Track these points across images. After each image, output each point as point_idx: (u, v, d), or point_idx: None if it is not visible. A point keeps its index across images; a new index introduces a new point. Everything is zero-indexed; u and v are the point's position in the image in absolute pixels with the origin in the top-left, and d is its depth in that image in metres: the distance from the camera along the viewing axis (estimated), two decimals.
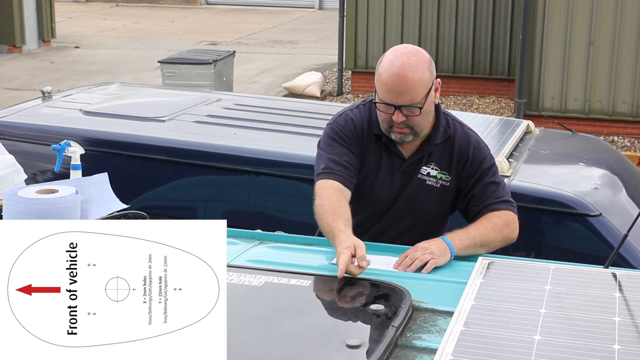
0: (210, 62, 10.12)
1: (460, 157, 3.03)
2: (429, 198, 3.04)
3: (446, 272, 2.66)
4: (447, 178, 3.04)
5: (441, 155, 3.04)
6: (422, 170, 3.04)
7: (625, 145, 10.08)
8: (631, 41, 10.02)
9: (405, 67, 2.87)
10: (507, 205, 2.99)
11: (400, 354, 1.95)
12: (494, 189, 3.00)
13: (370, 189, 3.06)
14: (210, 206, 4.55)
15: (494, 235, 2.90)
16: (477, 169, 3.02)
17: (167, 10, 22.83)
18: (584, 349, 1.85)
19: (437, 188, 3.04)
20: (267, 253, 2.82)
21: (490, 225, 2.91)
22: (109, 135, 4.66)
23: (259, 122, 4.95)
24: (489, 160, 3.05)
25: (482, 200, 2.99)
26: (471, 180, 3.02)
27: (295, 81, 12.64)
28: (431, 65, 2.95)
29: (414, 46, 2.99)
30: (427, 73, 2.90)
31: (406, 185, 3.04)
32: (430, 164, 3.04)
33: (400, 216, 3.07)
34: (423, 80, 2.89)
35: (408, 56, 2.90)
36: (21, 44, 15.55)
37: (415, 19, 12.07)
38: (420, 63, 2.90)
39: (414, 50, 2.94)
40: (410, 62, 2.88)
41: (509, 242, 2.98)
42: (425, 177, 3.04)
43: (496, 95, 12.06)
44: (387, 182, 3.05)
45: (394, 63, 2.89)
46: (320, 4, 23.28)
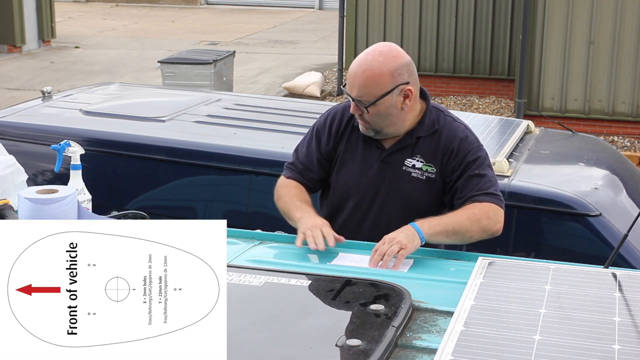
0: (210, 62, 10.12)
1: (446, 150, 3.05)
2: (416, 190, 3.07)
3: (446, 272, 2.66)
4: (433, 170, 3.06)
5: (427, 147, 3.07)
6: (407, 162, 3.08)
7: (625, 145, 10.08)
8: (631, 41, 10.02)
9: (365, 64, 2.95)
10: (490, 198, 2.98)
11: (400, 354, 1.95)
12: (477, 181, 3.00)
13: (347, 180, 3.13)
14: (210, 206, 4.55)
15: (469, 224, 2.90)
16: (461, 161, 3.03)
17: (167, 10, 22.83)
18: (584, 349, 1.85)
19: (423, 180, 3.07)
20: (267, 253, 2.82)
21: (467, 214, 2.92)
22: (109, 135, 4.66)
23: (259, 122, 4.95)
24: (474, 153, 3.05)
25: (465, 192, 3.00)
26: (456, 173, 3.03)
27: (295, 81, 12.64)
28: (399, 70, 2.96)
29: (392, 47, 3.01)
30: (386, 76, 2.94)
31: (387, 175, 3.08)
32: (416, 156, 3.07)
33: (387, 208, 3.10)
34: (378, 81, 2.94)
35: (375, 55, 2.96)
36: (21, 44, 15.55)
37: (415, 19, 12.07)
38: (384, 65, 2.94)
39: (387, 51, 2.98)
40: (372, 61, 2.95)
41: (490, 235, 2.97)
42: (410, 169, 3.07)
43: (496, 95, 12.05)
44: (365, 172, 3.11)
45: (361, 56, 3.00)
46: (320, 4, 23.28)
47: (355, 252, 2.84)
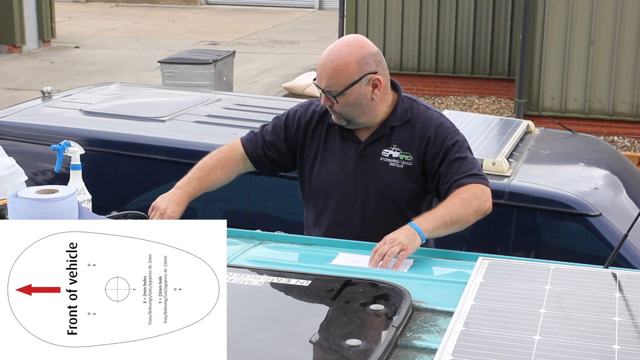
0: (210, 62, 10.12)
1: (422, 137, 3.07)
2: (395, 179, 3.09)
3: (446, 272, 2.66)
4: (410, 158, 3.08)
5: (402, 136, 3.10)
6: (384, 153, 3.10)
7: (625, 145, 10.08)
8: (631, 41, 10.02)
9: (332, 54, 2.99)
10: (474, 179, 2.99)
11: (400, 354, 1.95)
12: (459, 164, 3.01)
13: (328, 177, 3.15)
14: (210, 206, 4.55)
15: (463, 210, 2.91)
16: (440, 147, 3.05)
17: (167, 10, 22.84)
18: (584, 349, 1.85)
19: (401, 169, 3.09)
20: (267, 253, 2.82)
21: (458, 200, 2.92)
22: (109, 135, 4.66)
23: (259, 122, 4.94)
24: (452, 138, 3.07)
25: (449, 177, 3.01)
26: (436, 160, 3.05)
27: (295, 81, 12.64)
28: (366, 59, 2.99)
29: (358, 37, 3.07)
30: (353, 65, 2.98)
31: (366, 167, 3.10)
32: (392, 146, 3.10)
33: (371, 201, 3.11)
34: (345, 70, 2.97)
35: (342, 45, 3.00)
36: (21, 44, 15.56)
37: (415, 19, 12.07)
38: (350, 55, 2.98)
39: (353, 42, 3.02)
40: (339, 51, 2.99)
41: (482, 214, 2.98)
42: (387, 159, 3.10)
43: (496, 95, 12.06)
44: (344, 167, 3.12)
45: (328, 48, 3.04)
46: (320, 4, 23.29)
47: (355, 252, 2.84)
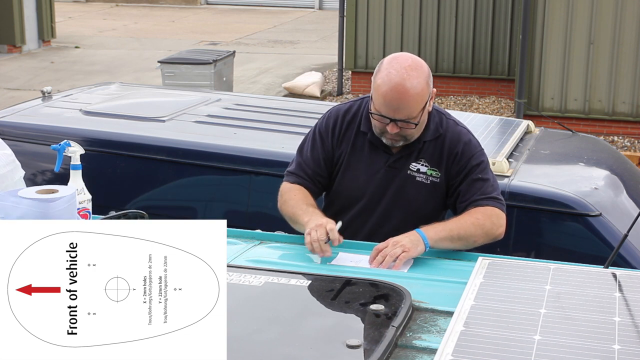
0: (210, 62, 10.12)
1: (450, 153, 3.04)
2: (419, 194, 3.06)
3: (446, 272, 2.66)
4: (437, 174, 3.05)
5: (432, 151, 3.05)
6: (412, 167, 3.06)
7: (625, 145, 10.08)
8: (631, 41, 10.02)
9: (405, 84, 2.87)
10: (493, 202, 2.98)
11: (400, 354, 1.95)
12: (480, 185, 3.00)
13: (353, 185, 3.10)
14: (210, 206, 4.55)
15: (473, 229, 2.90)
16: (465, 165, 3.02)
17: (167, 10, 22.84)
18: (584, 349, 1.85)
19: (428, 184, 3.05)
20: (267, 253, 2.82)
21: (471, 219, 2.91)
22: (109, 135, 4.66)
23: (259, 122, 4.95)
24: (477, 157, 3.05)
25: (468, 196, 2.99)
26: (459, 177, 3.03)
27: (295, 81, 12.64)
28: (429, 79, 2.95)
29: (414, 58, 2.97)
30: (425, 88, 2.92)
31: (394, 180, 3.07)
32: (421, 160, 3.06)
33: (391, 213, 3.09)
34: (421, 96, 2.91)
35: (408, 71, 2.89)
36: (21, 44, 15.55)
37: (415, 19, 12.07)
38: (420, 78, 2.90)
39: (414, 64, 2.92)
40: (410, 78, 2.88)
41: (493, 239, 2.97)
42: (415, 173, 3.06)
43: (496, 95, 12.05)
44: (372, 177, 3.08)
45: (393, 78, 2.88)
46: (320, 4, 23.28)
47: (355, 252, 2.85)
